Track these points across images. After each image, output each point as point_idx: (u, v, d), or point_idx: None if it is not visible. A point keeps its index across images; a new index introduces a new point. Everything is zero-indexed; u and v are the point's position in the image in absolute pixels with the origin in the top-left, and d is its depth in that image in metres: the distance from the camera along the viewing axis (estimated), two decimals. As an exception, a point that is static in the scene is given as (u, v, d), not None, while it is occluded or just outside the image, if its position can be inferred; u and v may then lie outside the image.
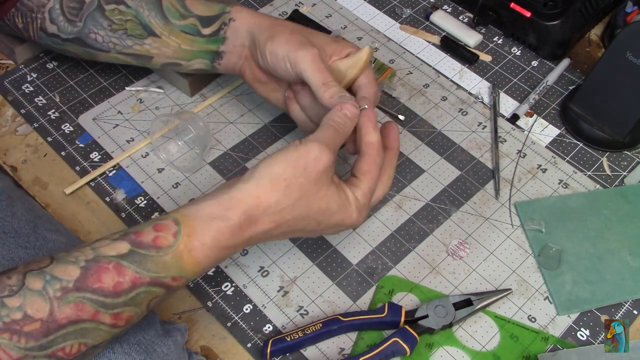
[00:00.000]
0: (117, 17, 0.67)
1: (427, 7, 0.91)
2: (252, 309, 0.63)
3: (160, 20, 0.67)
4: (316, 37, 0.64)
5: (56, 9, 0.67)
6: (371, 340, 0.61)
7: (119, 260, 0.45)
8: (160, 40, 0.68)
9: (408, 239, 0.68)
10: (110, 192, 0.71)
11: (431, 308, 0.61)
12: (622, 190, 0.72)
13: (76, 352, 0.44)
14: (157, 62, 0.69)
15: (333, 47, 0.64)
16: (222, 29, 0.67)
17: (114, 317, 0.45)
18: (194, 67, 0.70)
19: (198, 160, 0.73)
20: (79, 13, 0.67)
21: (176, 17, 0.67)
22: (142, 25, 0.67)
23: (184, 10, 0.67)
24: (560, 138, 0.77)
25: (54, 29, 0.68)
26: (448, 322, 0.60)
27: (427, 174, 0.74)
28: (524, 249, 0.68)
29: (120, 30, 0.67)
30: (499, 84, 0.82)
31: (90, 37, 0.68)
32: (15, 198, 0.60)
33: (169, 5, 0.67)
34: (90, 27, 0.68)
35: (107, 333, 0.45)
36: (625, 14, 0.84)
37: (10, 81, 0.80)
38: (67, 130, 0.76)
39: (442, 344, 0.61)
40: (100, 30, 0.68)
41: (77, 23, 0.68)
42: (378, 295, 0.64)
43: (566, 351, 0.60)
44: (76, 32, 0.68)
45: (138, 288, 0.46)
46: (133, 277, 0.45)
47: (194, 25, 0.67)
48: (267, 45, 0.62)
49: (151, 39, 0.68)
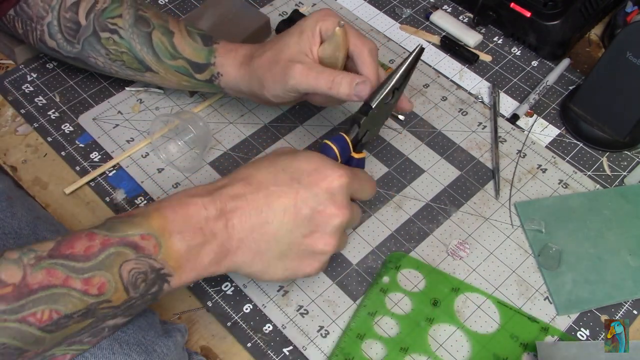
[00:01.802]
0: (113, 47, 0.67)
1: (427, 7, 0.91)
2: (252, 309, 0.63)
3: (153, 57, 0.67)
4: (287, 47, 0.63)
5: (54, 25, 0.67)
6: None
7: (92, 229, 0.48)
8: (158, 75, 0.69)
9: (408, 239, 0.68)
10: (110, 192, 0.71)
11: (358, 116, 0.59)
12: (622, 190, 0.72)
13: (47, 319, 0.44)
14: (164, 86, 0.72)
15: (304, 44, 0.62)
16: (214, 79, 0.68)
17: (84, 282, 0.45)
18: (200, 91, 0.71)
19: (198, 160, 0.73)
20: (76, 35, 0.67)
21: (167, 57, 0.67)
22: (138, 60, 0.68)
23: (173, 51, 0.67)
24: (560, 138, 0.78)
25: (53, 44, 0.69)
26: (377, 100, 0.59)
27: (427, 174, 0.74)
28: (524, 249, 0.68)
29: (119, 61, 0.68)
30: (499, 84, 0.82)
31: (91, 60, 0.69)
32: (16, 199, 0.60)
33: (159, 42, 0.67)
34: (88, 52, 0.68)
35: (79, 300, 0.45)
36: (625, 14, 0.84)
37: (10, 81, 0.80)
38: (67, 130, 0.76)
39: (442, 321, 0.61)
40: (99, 57, 0.68)
41: (75, 45, 0.68)
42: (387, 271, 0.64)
43: (567, 343, 0.60)
44: (75, 53, 0.69)
45: (107, 249, 0.46)
46: (102, 240, 0.47)
47: (185, 68, 0.67)
48: (264, 93, 0.64)
49: (150, 74, 0.69)
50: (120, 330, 0.51)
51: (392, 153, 0.75)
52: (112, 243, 0.47)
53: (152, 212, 0.50)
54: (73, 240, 0.46)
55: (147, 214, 0.49)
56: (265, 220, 0.52)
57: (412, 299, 0.64)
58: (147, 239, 0.48)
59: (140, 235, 0.48)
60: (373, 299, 0.64)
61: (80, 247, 0.46)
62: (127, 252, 0.47)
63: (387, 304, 0.64)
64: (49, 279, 0.44)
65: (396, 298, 0.64)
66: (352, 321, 0.62)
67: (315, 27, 0.62)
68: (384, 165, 0.74)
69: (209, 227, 0.50)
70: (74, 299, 0.45)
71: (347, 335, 0.61)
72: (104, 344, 0.50)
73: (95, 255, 0.46)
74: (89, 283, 0.45)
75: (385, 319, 0.63)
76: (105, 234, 0.47)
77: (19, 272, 0.44)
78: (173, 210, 0.50)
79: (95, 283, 0.46)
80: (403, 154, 0.75)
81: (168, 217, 0.49)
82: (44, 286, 0.44)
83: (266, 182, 0.53)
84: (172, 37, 0.67)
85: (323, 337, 0.62)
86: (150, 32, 0.67)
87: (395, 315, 0.63)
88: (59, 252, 0.45)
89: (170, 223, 0.49)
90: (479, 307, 0.64)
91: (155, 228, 0.49)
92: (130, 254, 0.47)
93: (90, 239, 0.47)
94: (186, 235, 0.50)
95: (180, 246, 0.49)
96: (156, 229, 0.49)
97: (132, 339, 0.51)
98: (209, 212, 0.51)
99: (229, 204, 0.51)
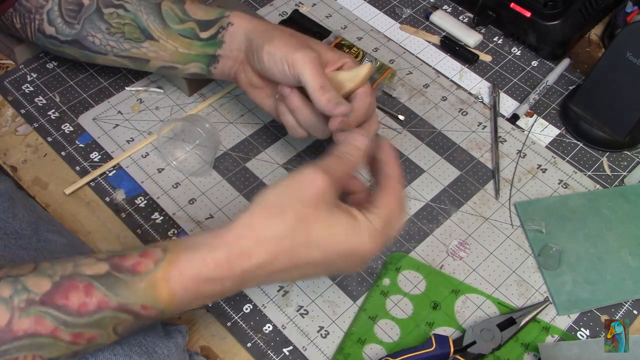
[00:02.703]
0: (115, 21, 0.67)
1: (427, 7, 0.91)
2: (252, 309, 0.64)
3: (159, 25, 0.67)
4: (314, 44, 0.64)
5: (54, 10, 0.67)
6: None
7: (92, 280, 0.44)
8: (157, 43, 0.67)
9: (408, 239, 0.68)
10: (110, 192, 0.71)
11: (477, 333, 0.60)
12: (622, 190, 0.73)
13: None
14: (153, 65, 0.69)
15: (329, 55, 0.63)
16: (219, 33, 0.66)
17: (74, 335, 0.43)
18: (189, 71, 0.69)
19: (207, 168, 0.73)
20: (77, 15, 0.67)
21: (175, 22, 0.67)
22: (140, 29, 0.67)
23: (183, 15, 0.67)
24: (560, 138, 0.78)
25: (51, 30, 0.68)
26: (496, 344, 0.60)
27: (427, 174, 0.74)
28: (524, 249, 0.68)
29: (118, 34, 0.67)
30: (499, 84, 0.82)
31: (88, 39, 0.68)
32: (17, 199, 0.60)
33: (168, 10, 0.67)
34: (88, 30, 0.68)
35: (65, 349, 0.44)
36: (625, 14, 0.84)
37: (10, 81, 0.80)
38: (67, 130, 0.76)
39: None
40: (97, 33, 0.68)
41: (75, 25, 0.68)
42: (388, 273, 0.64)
43: (568, 343, 0.60)
44: (74, 35, 0.68)
45: (103, 312, 0.44)
46: (100, 300, 0.43)
47: (192, 29, 0.67)
48: (264, 47, 0.62)
49: (148, 43, 0.68)
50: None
51: (392, 153, 0.75)
52: (110, 307, 0.44)
53: (160, 283, 0.45)
54: (69, 289, 0.43)
55: (154, 283, 0.45)
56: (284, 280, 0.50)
57: (413, 301, 0.64)
58: (150, 309, 0.45)
59: (142, 305, 0.45)
60: (374, 302, 0.64)
61: (75, 300, 0.43)
62: (125, 317, 0.44)
63: (387, 307, 0.64)
64: (36, 327, 0.42)
65: (397, 300, 0.64)
66: (352, 325, 0.62)
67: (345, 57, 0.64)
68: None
69: (222, 295, 0.48)
70: (60, 347, 0.43)
71: (348, 339, 0.61)
72: (105, 345, 0.50)
73: (89, 314, 0.43)
74: (79, 337, 0.44)
75: (385, 322, 0.63)
76: (105, 293, 0.44)
77: (6, 315, 0.41)
78: (184, 287, 0.45)
79: (86, 337, 0.44)
80: (403, 154, 0.75)
81: (177, 294, 0.45)
82: (30, 334, 0.42)
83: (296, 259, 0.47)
84: (183, 4, 0.67)
85: (323, 337, 0.62)
86: (159, 2, 0.67)
87: (395, 319, 0.63)
88: (51, 300, 0.43)
89: (178, 299, 0.46)
90: (479, 307, 0.64)
91: (160, 301, 0.45)
92: (128, 318, 0.45)
93: (87, 294, 0.43)
94: (194, 303, 0.47)
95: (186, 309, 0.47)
96: (161, 303, 0.45)
97: (133, 340, 0.51)
98: (224, 288, 0.47)
99: (251, 284, 0.48)
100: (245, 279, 0.47)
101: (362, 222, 0.49)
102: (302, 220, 0.47)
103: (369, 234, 0.49)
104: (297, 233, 0.47)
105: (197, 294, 0.46)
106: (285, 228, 0.46)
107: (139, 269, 0.45)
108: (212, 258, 0.45)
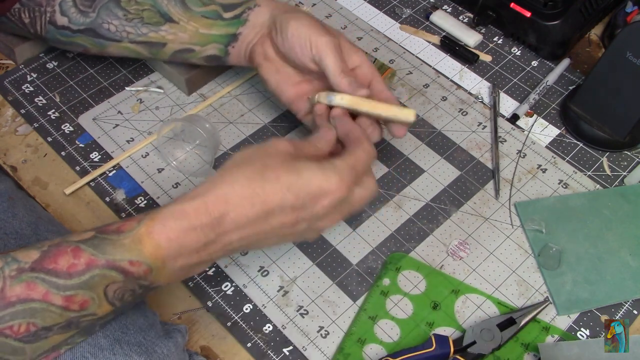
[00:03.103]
0: (134, 7, 0.67)
1: (427, 7, 0.91)
2: (252, 309, 0.64)
3: (180, 8, 0.67)
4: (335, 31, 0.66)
5: (67, 2, 0.68)
6: None
7: (79, 244, 0.45)
8: (177, 25, 0.68)
9: (408, 239, 0.68)
10: (110, 192, 0.71)
11: (477, 333, 0.60)
12: (622, 190, 0.73)
13: (24, 331, 0.43)
14: (169, 49, 0.69)
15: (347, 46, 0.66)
16: (245, 12, 0.67)
17: (65, 299, 0.44)
18: (206, 54, 0.69)
19: (207, 168, 0.73)
20: (92, 4, 0.68)
21: (197, 5, 0.67)
22: (160, 13, 0.67)
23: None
24: (560, 138, 0.78)
25: (64, 21, 0.68)
26: (497, 344, 0.60)
27: (427, 174, 0.74)
28: (524, 249, 0.68)
29: (136, 19, 0.68)
30: (499, 84, 0.82)
31: (103, 27, 0.68)
32: (17, 199, 0.60)
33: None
34: (103, 17, 0.68)
35: (58, 315, 0.44)
36: (625, 14, 0.84)
37: (10, 81, 0.80)
38: (67, 130, 0.76)
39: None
40: (114, 20, 0.68)
41: (90, 14, 0.68)
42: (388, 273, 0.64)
43: (568, 343, 0.60)
44: (88, 23, 0.68)
45: (92, 270, 0.45)
46: (88, 260, 0.45)
47: (215, 10, 0.67)
48: (290, 23, 0.63)
49: (168, 25, 0.68)
50: (120, 331, 0.51)
51: (392, 153, 0.75)
52: (98, 265, 0.45)
53: (145, 237, 0.46)
54: (57, 254, 0.45)
55: (139, 238, 0.46)
56: (265, 237, 0.52)
57: (413, 301, 0.64)
58: (137, 265, 0.46)
59: (129, 261, 0.46)
60: (374, 302, 0.64)
61: (63, 263, 0.44)
62: (113, 275, 0.45)
63: (387, 307, 0.64)
64: (27, 292, 0.43)
65: (397, 300, 0.64)
66: (352, 325, 0.62)
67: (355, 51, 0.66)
68: (384, 165, 0.74)
69: (206, 251, 0.49)
70: (53, 314, 0.44)
71: (348, 339, 0.61)
72: (105, 345, 0.50)
73: (78, 274, 0.44)
74: (70, 300, 0.44)
75: (385, 322, 0.63)
76: (92, 252, 0.45)
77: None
78: (168, 238, 0.47)
79: (77, 300, 0.45)
80: (403, 154, 0.75)
81: (162, 246, 0.47)
82: (22, 299, 0.43)
83: (271, 203, 0.49)
84: None
85: (323, 337, 0.62)
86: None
87: (395, 319, 0.63)
88: (41, 266, 0.44)
89: (164, 251, 0.47)
90: (479, 307, 0.64)
91: (146, 255, 0.46)
92: (118, 277, 0.46)
93: (75, 255, 0.45)
94: (180, 260, 0.48)
95: (174, 268, 0.48)
96: (148, 257, 0.46)
97: (133, 339, 0.51)
98: (207, 239, 0.48)
99: (232, 234, 0.49)
100: (226, 228, 0.49)
101: (329, 164, 0.52)
102: (270, 167, 0.50)
103: (337, 173, 0.51)
104: (266, 176, 0.49)
105: (181, 247, 0.47)
106: (255, 170, 0.50)
107: (123, 228, 0.47)
108: (190, 206, 0.48)
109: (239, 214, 0.49)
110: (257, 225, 0.50)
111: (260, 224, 0.50)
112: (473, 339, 0.60)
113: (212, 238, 0.48)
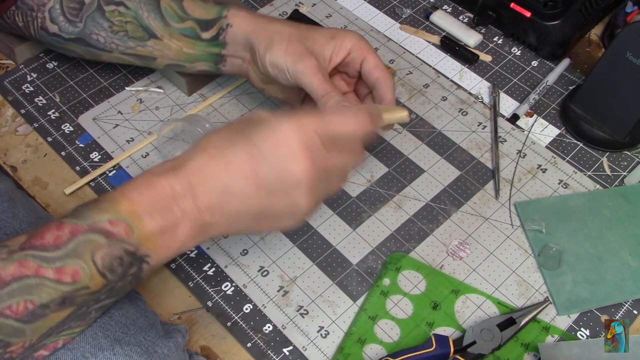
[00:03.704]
0: (117, 19, 0.67)
1: (427, 7, 0.91)
2: (252, 309, 0.64)
3: (160, 23, 0.67)
4: (313, 38, 0.64)
5: (56, 8, 0.68)
6: None
7: (62, 219, 0.47)
8: (161, 42, 0.68)
9: (408, 239, 0.68)
10: (111, 192, 0.71)
11: (477, 333, 0.60)
12: (622, 190, 0.73)
13: (23, 310, 0.44)
14: (160, 63, 0.70)
15: (331, 47, 0.65)
16: (220, 34, 0.67)
17: (57, 271, 0.45)
18: (198, 69, 0.71)
19: None
20: (79, 14, 0.67)
21: (175, 20, 0.67)
22: (143, 27, 0.67)
23: (182, 13, 0.67)
24: (560, 138, 0.78)
25: (55, 28, 0.68)
26: (496, 344, 0.60)
27: (427, 174, 0.74)
28: (524, 249, 0.68)
29: (121, 32, 0.68)
30: (499, 84, 0.82)
31: (92, 37, 0.69)
32: (17, 199, 0.60)
33: (167, 8, 0.67)
34: (91, 28, 0.68)
35: (53, 290, 0.45)
36: (625, 14, 0.84)
37: (10, 81, 0.80)
38: (67, 130, 0.76)
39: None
40: (101, 32, 0.68)
41: (77, 24, 0.68)
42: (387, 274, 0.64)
43: (568, 343, 0.60)
44: (77, 33, 0.68)
45: (77, 237, 0.46)
46: (71, 228, 0.47)
47: (192, 28, 0.67)
48: (266, 57, 0.64)
49: (152, 41, 0.68)
50: (121, 331, 0.51)
51: (392, 153, 0.75)
52: (81, 231, 0.47)
53: (119, 196, 0.49)
54: (43, 231, 0.46)
55: (114, 199, 0.49)
56: (226, 187, 0.50)
57: (413, 301, 0.64)
58: (117, 224, 0.48)
59: (109, 220, 0.47)
60: (373, 302, 0.64)
61: (49, 237, 0.46)
62: (97, 239, 0.47)
63: (387, 307, 0.64)
64: (20, 269, 0.44)
65: (397, 300, 0.64)
66: (352, 325, 0.62)
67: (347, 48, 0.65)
68: (384, 165, 0.74)
69: (178, 206, 0.49)
70: (47, 288, 0.45)
71: (348, 339, 0.61)
72: (105, 345, 0.50)
73: (64, 243, 0.46)
74: (62, 272, 0.45)
75: (385, 322, 0.63)
76: (74, 221, 0.47)
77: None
78: (139, 192, 0.49)
79: (68, 271, 0.46)
80: (403, 154, 0.75)
81: (135, 200, 0.48)
82: (17, 277, 0.44)
83: (222, 146, 0.51)
84: (181, 2, 0.68)
85: (323, 337, 0.62)
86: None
87: (395, 319, 0.63)
88: (29, 244, 0.45)
89: (138, 205, 0.48)
90: (479, 307, 0.64)
91: (123, 212, 0.48)
92: (101, 240, 0.47)
93: (59, 228, 0.46)
94: (156, 215, 0.49)
95: (153, 227, 0.49)
96: (124, 213, 0.48)
97: (133, 339, 0.51)
98: (175, 190, 0.49)
99: (193, 178, 0.50)
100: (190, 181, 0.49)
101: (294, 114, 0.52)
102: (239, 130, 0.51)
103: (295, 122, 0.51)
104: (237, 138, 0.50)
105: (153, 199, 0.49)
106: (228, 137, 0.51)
107: (101, 197, 0.50)
108: (161, 168, 0.50)
109: (200, 164, 0.50)
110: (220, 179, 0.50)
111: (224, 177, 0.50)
112: (473, 339, 0.60)
113: (180, 191, 0.49)
